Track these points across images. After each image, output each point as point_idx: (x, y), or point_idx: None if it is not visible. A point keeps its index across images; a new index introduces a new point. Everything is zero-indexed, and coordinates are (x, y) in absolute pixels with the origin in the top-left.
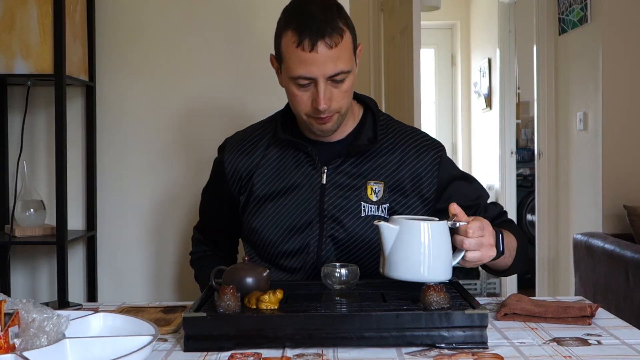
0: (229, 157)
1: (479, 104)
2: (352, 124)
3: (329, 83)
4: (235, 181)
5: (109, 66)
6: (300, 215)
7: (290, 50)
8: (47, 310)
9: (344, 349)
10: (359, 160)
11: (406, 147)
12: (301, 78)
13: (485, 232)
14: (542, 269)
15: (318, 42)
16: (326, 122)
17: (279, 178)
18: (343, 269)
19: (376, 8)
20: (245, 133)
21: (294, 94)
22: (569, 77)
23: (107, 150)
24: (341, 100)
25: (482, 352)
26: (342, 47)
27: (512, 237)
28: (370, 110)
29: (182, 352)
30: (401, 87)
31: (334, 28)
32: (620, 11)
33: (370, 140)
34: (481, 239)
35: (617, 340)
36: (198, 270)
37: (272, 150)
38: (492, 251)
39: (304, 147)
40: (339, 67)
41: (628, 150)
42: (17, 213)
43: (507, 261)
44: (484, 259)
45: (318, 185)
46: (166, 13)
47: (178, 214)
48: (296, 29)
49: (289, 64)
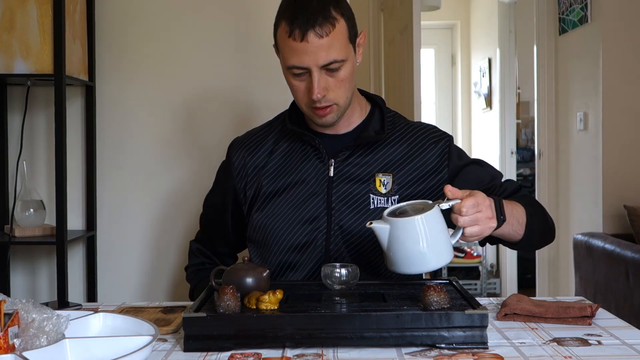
0: (237, 153)
1: (479, 104)
2: (359, 117)
3: (324, 72)
4: (243, 177)
5: (109, 66)
6: (307, 208)
7: (284, 41)
8: (46, 310)
9: (344, 349)
10: (366, 153)
11: (414, 139)
12: (295, 68)
13: (482, 207)
14: (542, 269)
15: (308, 32)
16: (326, 114)
17: (286, 172)
18: (343, 269)
19: (376, 8)
20: (253, 131)
21: (292, 83)
22: (569, 77)
23: (107, 150)
24: (338, 89)
25: (482, 352)
26: (335, 36)
27: (519, 205)
28: (378, 106)
29: (182, 352)
30: (401, 87)
31: (325, 17)
32: (620, 11)
33: (378, 132)
34: (477, 215)
35: (617, 340)
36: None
37: (280, 146)
38: (492, 222)
39: (311, 139)
40: (331, 56)
41: (628, 150)
42: (17, 213)
43: (518, 230)
44: (484, 232)
45: (325, 178)
46: (166, 12)
47: (178, 214)
48: (288, 19)
49: (284, 54)
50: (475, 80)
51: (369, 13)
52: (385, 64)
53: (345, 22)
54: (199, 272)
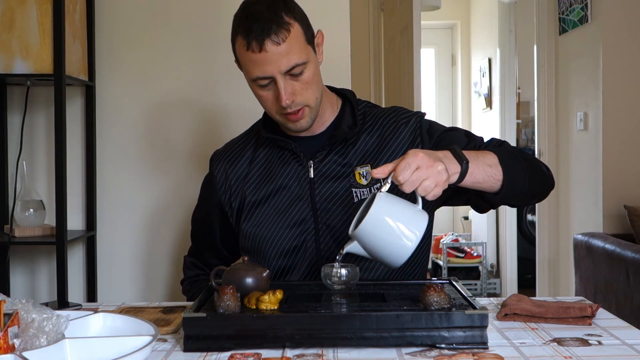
0: (218, 166)
1: (479, 104)
2: (331, 116)
3: (288, 78)
4: (226, 189)
5: (109, 66)
6: (293, 213)
7: (243, 55)
8: (46, 310)
9: (344, 349)
10: (343, 149)
11: (386, 125)
12: (259, 79)
13: (417, 161)
14: (542, 269)
15: (265, 41)
16: (299, 119)
17: (268, 181)
18: (343, 269)
19: (376, 8)
20: (232, 142)
21: (259, 95)
22: (569, 77)
23: (107, 150)
24: (305, 92)
25: (483, 352)
26: (292, 41)
27: (488, 152)
28: (348, 100)
29: (182, 352)
30: (401, 87)
31: (279, 24)
32: (620, 11)
33: (351, 127)
34: (418, 173)
35: (617, 340)
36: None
37: (259, 154)
38: (439, 166)
39: (287, 144)
40: (292, 61)
41: (628, 150)
42: (17, 213)
43: (494, 175)
44: (441, 180)
45: (306, 180)
46: (166, 13)
47: (178, 214)
48: (243, 33)
49: (246, 68)
50: (475, 80)
51: (369, 13)
52: (385, 64)
53: (300, 25)
54: (194, 284)
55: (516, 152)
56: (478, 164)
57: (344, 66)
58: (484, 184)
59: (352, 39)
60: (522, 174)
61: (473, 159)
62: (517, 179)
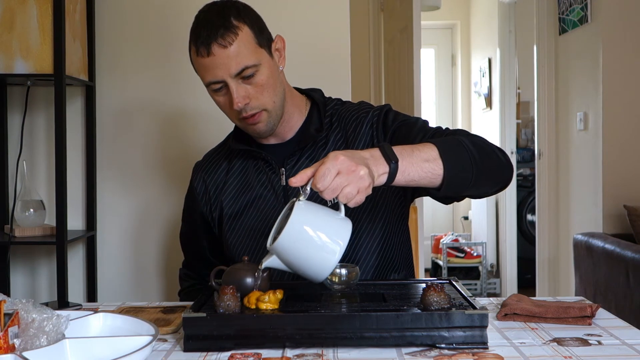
0: (198, 177)
1: (479, 104)
2: (300, 119)
3: (240, 81)
4: (207, 200)
5: (109, 66)
6: (269, 223)
7: (195, 61)
8: (46, 310)
9: (344, 349)
10: (313, 153)
11: (349, 122)
12: (212, 84)
13: (340, 166)
14: (542, 269)
15: (212, 45)
16: (255, 122)
17: (244, 191)
18: (343, 269)
19: (376, 8)
20: (210, 152)
21: (216, 100)
22: (569, 77)
23: (107, 150)
24: (260, 96)
25: (483, 352)
26: (240, 43)
27: (426, 144)
28: (315, 102)
29: (182, 352)
30: (401, 87)
31: (226, 27)
32: (620, 11)
33: (317, 129)
34: (338, 179)
35: (617, 340)
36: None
37: (235, 164)
38: (366, 175)
39: (257, 153)
40: (242, 63)
41: (628, 150)
42: (17, 213)
43: (433, 170)
44: (363, 185)
45: (280, 188)
46: (166, 12)
47: (179, 214)
48: (193, 40)
49: (199, 74)
50: (475, 80)
51: (369, 13)
52: (385, 64)
53: (250, 28)
54: (191, 292)
55: (465, 141)
56: (412, 160)
57: (344, 66)
58: (420, 181)
59: (352, 39)
60: (469, 164)
61: (406, 156)
62: (461, 172)
